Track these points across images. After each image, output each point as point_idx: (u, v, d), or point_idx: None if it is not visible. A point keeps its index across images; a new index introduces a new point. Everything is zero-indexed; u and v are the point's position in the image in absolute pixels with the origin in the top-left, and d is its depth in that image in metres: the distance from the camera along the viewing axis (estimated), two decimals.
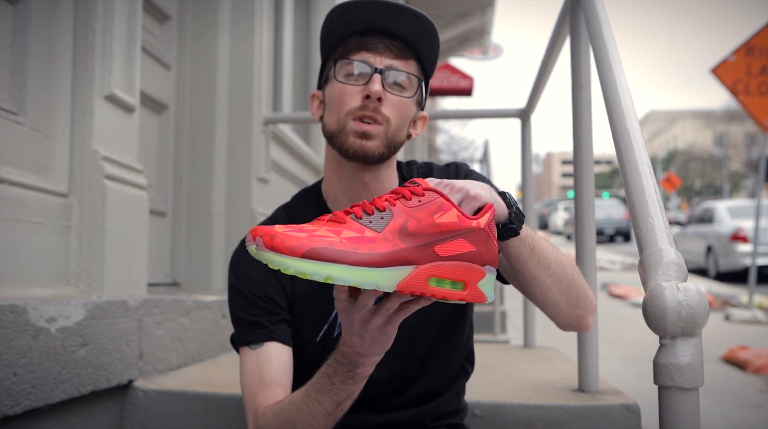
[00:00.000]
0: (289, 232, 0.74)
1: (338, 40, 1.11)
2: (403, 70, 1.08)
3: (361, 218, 0.79)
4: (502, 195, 0.96)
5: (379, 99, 1.04)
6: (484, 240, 0.83)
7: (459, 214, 0.82)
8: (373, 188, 1.11)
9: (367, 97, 1.04)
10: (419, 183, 0.85)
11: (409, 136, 1.13)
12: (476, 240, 0.82)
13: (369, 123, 1.05)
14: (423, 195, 0.82)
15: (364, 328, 0.85)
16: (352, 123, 1.06)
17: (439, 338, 1.16)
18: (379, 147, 1.06)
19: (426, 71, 1.13)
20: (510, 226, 0.95)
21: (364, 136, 1.05)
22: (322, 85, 1.15)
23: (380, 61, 1.06)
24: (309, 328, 1.13)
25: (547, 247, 1.02)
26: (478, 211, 0.88)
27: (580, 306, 1.06)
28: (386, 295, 0.82)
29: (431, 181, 0.88)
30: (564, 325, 1.09)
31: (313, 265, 0.72)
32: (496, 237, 0.88)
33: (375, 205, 0.81)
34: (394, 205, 0.81)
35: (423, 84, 1.12)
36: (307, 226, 0.77)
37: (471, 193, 0.90)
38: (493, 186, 1.04)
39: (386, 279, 0.75)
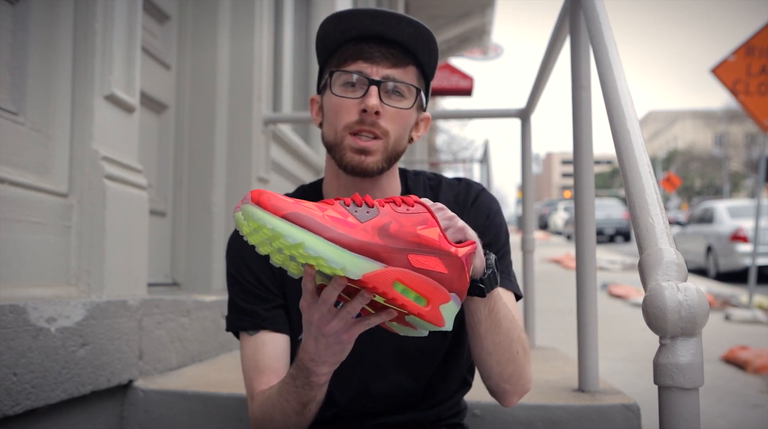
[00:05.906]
0: (277, 195, 0.76)
1: (334, 47, 1.08)
2: (401, 79, 1.04)
3: (348, 206, 0.81)
4: (487, 254, 0.93)
5: (377, 113, 1.01)
6: (458, 268, 0.84)
7: (441, 234, 0.83)
8: (372, 196, 1.08)
9: (364, 110, 1.01)
10: (413, 196, 0.87)
11: (411, 140, 1.11)
12: (450, 265, 0.83)
13: (367, 139, 1.03)
14: (413, 205, 0.84)
15: (321, 331, 0.85)
16: (349, 138, 1.03)
17: (447, 355, 1.15)
18: (379, 162, 1.04)
19: (426, 75, 1.10)
20: (479, 285, 0.91)
21: (363, 152, 1.03)
22: (320, 90, 1.12)
23: (377, 72, 1.03)
24: (299, 315, 1.13)
25: (505, 316, 0.99)
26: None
27: (511, 383, 1.04)
28: (348, 299, 0.83)
29: (427, 202, 0.87)
30: (489, 389, 1.08)
31: (291, 228, 0.74)
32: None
33: (365, 200, 0.83)
34: (383, 206, 0.83)
35: (423, 90, 1.09)
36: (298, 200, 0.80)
37: (459, 224, 0.88)
38: (498, 212, 1.07)
39: (354, 265, 0.76)
